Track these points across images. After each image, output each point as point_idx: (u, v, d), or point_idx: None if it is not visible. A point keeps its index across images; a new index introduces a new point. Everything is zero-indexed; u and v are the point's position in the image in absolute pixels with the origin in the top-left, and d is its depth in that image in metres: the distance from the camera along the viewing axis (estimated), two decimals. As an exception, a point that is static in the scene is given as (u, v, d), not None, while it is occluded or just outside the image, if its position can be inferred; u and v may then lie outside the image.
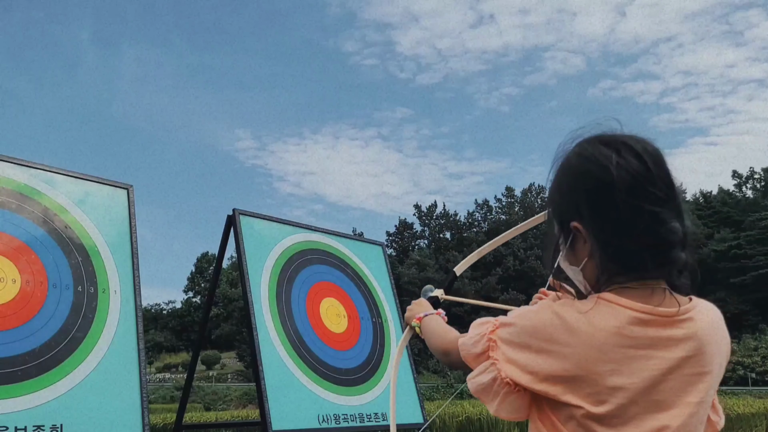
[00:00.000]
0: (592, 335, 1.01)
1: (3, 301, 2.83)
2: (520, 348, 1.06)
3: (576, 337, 1.01)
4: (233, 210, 3.93)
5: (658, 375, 1.02)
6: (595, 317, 1.03)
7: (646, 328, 1.03)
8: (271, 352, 3.62)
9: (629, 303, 1.04)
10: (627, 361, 1.01)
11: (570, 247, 1.11)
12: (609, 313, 1.03)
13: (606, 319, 1.02)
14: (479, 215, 66.93)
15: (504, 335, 1.09)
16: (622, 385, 1.00)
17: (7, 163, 3.14)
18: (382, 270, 4.76)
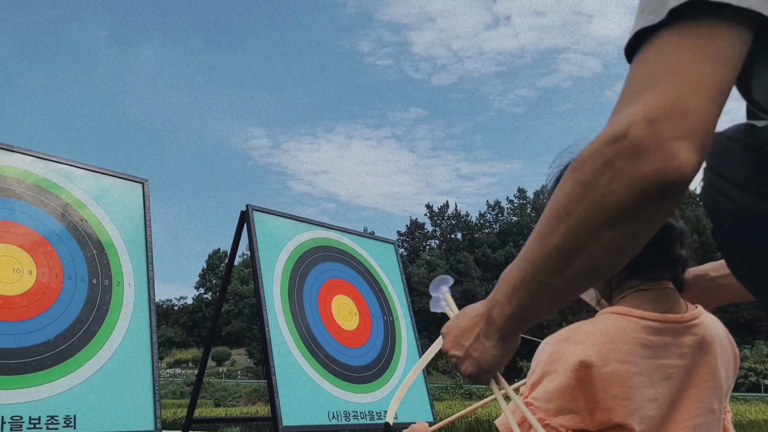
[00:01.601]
0: (618, 350, 0.99)
1: (19, 292, 2.86)
2: (559, 394, 0.99)
3: (604, 356, 0.98)
4: (247, 206, 3.95)
5: (678, 383, 1.01)
6: (611, 331, 1.00)
7: (663, 337, 1.01)
8: (283, 348, 3.64)
9: (642, 313, 1.02)
10: (652, 371, 0.99)
11: None
12: (624, 326, 1.01)
13: (623, 331, 1.00)
14: (491, 216, 66.79)
15: (540, 393, 1.01)
16: (655, 396, 0.99)
17: (25, 155, 3.17)
18: (394, 268, 4.76)
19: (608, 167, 0.67)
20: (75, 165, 3.36)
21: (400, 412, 4.03)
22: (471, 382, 10.07)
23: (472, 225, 66.16)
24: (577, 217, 0.71)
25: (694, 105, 0.64)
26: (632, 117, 0.66)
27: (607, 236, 0.70)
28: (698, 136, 0.64)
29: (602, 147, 0.68)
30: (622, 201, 0.67)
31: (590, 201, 0.69)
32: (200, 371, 4.40)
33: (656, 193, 0.65)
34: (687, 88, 0.64)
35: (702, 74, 0.64)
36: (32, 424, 2.64)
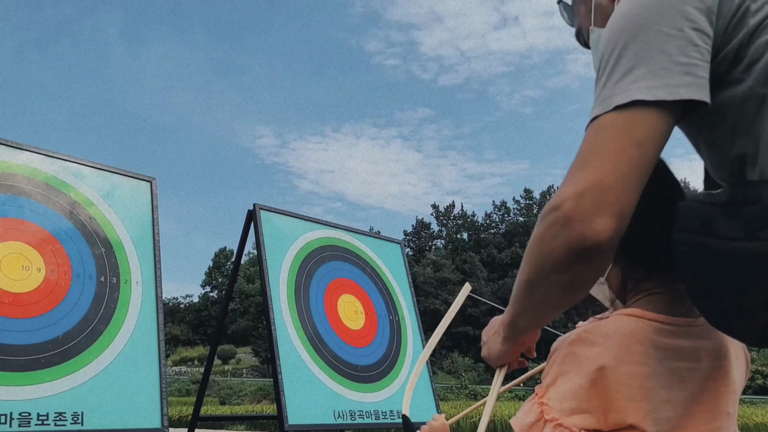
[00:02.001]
0: (633, 352, 0.99)
1: (28, 290, 2.88)
2: (575, 394, 1.00)
3: (619, 358, 0.98)
4: (254, 205, 3.96)
5: (695, 386, 1.01)
6: (627, 333, 1.00)
7: (677, 340, 1.01)
8: (289, 347, 3.65)
9: (656, 315, 1.02)
10: (668, 374, 0.99)
11: None
12: (639, 328, 1.01)
13: (638, 333, 1.00)
14: (497, 216, 66.67)
15: (554, 394, 1.02)
16: (670, 398, 0.98)
17: (35, 154, 3.20)
18: (400, 268, 4.77)
19: (551, 230, 0.88)
20: (84, 163, 3.38)
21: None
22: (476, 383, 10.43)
23: (479, 225, 66.08)
24: (535, 262, 0.92)
25: (612, 183, 0.83)
26: (566, 192, 0.86)
27: (554, 279, 0.90)
28: (614, 210, 0.83)
29: (549, 212, 0.89)
30: (560, 257, 0.87)
31: (542, 252, 0.90)
32: (206, 369, 4.42)
33: (581, 254, 0.85)
34: (606, 170, 0.83)
35: (620, 158, 0.83)
36: (40, 420, 2.66)
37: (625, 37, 0.89)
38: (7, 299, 2.79)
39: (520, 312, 1.04)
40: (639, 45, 0.87)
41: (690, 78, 0.85)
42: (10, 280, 2.84)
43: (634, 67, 0.86)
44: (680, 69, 0.85)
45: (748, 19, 0.87)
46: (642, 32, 0.88)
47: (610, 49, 0.91)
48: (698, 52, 0.86)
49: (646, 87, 0.85)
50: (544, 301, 0.97)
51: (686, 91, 0.84)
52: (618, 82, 0.87)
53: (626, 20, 0.90)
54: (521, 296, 1.00)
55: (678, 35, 0.86)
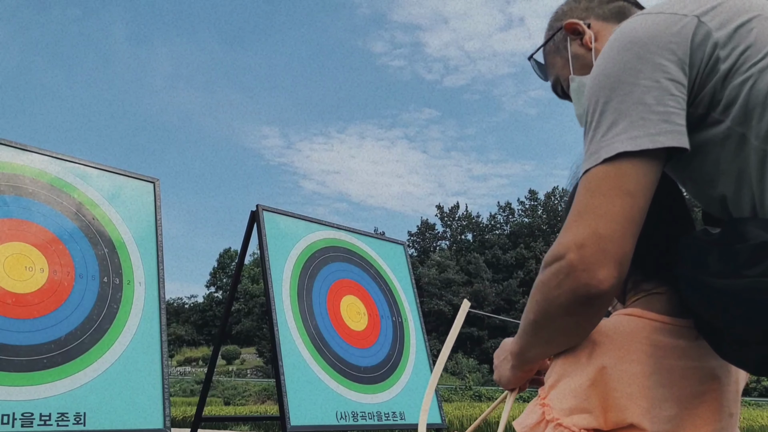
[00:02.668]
0: (632, 350, 1.00)
1: (31, 290, 2.89)
2: (574, 393, 1.00)
3: (618, 356, 0.99)
4: (257, 206, 3.97)
5: (695, 385, 1.01)
6: (627, 332, 1.02)
7: (677, 339, 1.02)
8: (292, 348, 3.65)
9: (656, 315, 1.03)
10: (666, 372, 0.99)
11: None
12: (639, 327, 1.02)
13: (638, 332, 1.01)
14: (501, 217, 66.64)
15: (556, 394, 1.03)
16: (669, 397, 0.99)
17: (39, 155, 3.21)
18: (403, 269, 4.77)
19: (555, 278, 0.93)
20: (88, 164, 3.39)
21: (408, 413, 4.03)
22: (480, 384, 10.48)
23: (483, 226, 66.05)
24: (541, 306, 0.98)
25: (609, 234, 0.89)
26: (567, 243, 0.92)
27: (560, 321, 0.97)
28: (615, 258, 0.89)
29: (552, 261, 0.94)
30: (565, 303, 0.93)
31: (547, 298, 0.96)
32: (210, 369, 4.42)
33: (585, 300, 0.91)
34: (602, 221, 0.89)
35: (614, 209, 0.89)
36: (42, 420, 2.67)
37: (605, 93, 0.94)
38: (10, 300, 2.80)
39: (528, 346, 1.09)
40: (619, 99, 0.93)
41: (668, 126, 0.90)
42: (13, 280, 2.85)
43: (616, 121, 0.92)
44: (658, 118, 0.90)
45: (719, 66, 0.92)
46: (620, 87, 0.93)
47: (593, 106, 0.96)
48: (674, 101, 0.91)
49: (628, 138, 0.90)
50: (551, 340, 1.04)
51: (666, 139, 0.90)
52: (603, 137, 0.93)
53: (605, 76, 0.96)
54: (528, 334, 1.06)
55: (654, 86, 0.92)
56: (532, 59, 1.38)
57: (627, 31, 0.97)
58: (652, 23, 0.96)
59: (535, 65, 1.39)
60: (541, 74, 1.39)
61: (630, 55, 0.94)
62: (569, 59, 1.27)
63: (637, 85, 0.92)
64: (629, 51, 0.95)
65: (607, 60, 0.97)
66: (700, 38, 0.93)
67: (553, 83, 1.35)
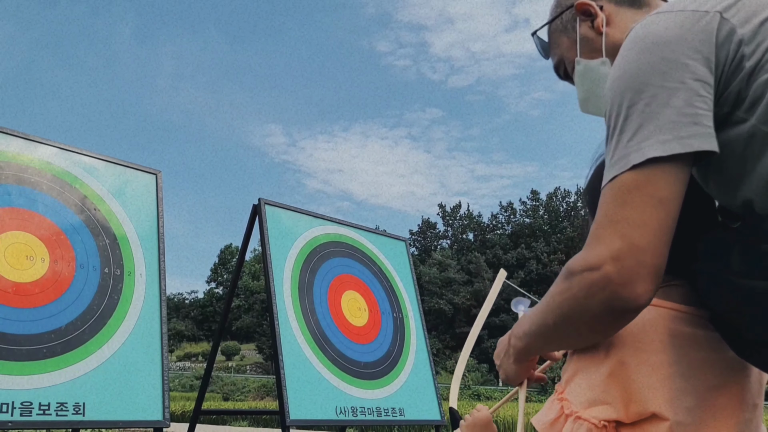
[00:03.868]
0: (653, 340, 0.99)
1: (32, 280, 2.89)
2: (595, 385, 1.00)
3: (639, 345, 0.98)
4: (259, 199, 3.96)
5: (715, 376, 0.99)
6: (648, 321, 1.00)
7: (695, 329, 1.00)
8: (292, 342, 3.64)
9: (675, 305, 1.02)
10: (686, 362, 0.98)
11: None
12: (657, 316, 1.01)
13: (657, 321, 1.00)
14: (503, 217, 66.60)
15: (574, 388, 1.02)
16: (691, 388, 0.97)
17: (44, 146, 3.20)
18: (404, 266, 4.76)
19: (589, 290, 0.90)
20: (89, 155, 3.38)
21: (407, 409, 4.02)
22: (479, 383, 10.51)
23: (484, 226, 66.03)
24: (566, 314, 0.96)
25: (646, 245, 0.86)
26: (602, 255, 0.88)
27: (583, 330, 0.96)
28: (652, 271, 0.87)
29: (583, 271, 0.91)
30: (597, 315, 0.91)
31: (574, 309, 0.94)
32: (209, 365, 4.42)
33: (620, 313, 0.89)
34: (638, 232, 0.86)
35: (649, 218, 0.87)
36: (42, 410, 2.66)
37: (630, 96, 0.91)
38: (10, 289, 2.80)
39: (538, 345, 1.09)
40: (645, 101, 0.90)
41: (699, 128, 0.88)
42: (13, 269, 2.84)
43: (643, 125, 0.89)
44: (688, 120, 0.87)
45: (745, 63, 0.89)
46: (646, 89, 0.90)
47: (617, 110, 0.93)
48: (703, 102, 0.89)
49: (657, 142, 0.87)
50: (565, 342, 1.04)
51: (696, 142, 0.87)
52: (630, 141, 0.90)
53: (629, 79, 0.93)
54: (542, 335, 1.04)
55: (681, 88, 0.89)
56: (536, 35, 1.34)
57: (649, 30, 0.94)
58: (674, 22, 0.93)
59: (537, 42, 1.34)
60: (543, 52, 1.34)
61: (654, 56, 0.91)
62: (577, 41, 1.23)
63: (664, 87, 0.89)
64: (653, 52, 0.92)
65: (630, 62, 0.94)
66: (724, 35, 0.90)
67: (555, 63, 1.31)
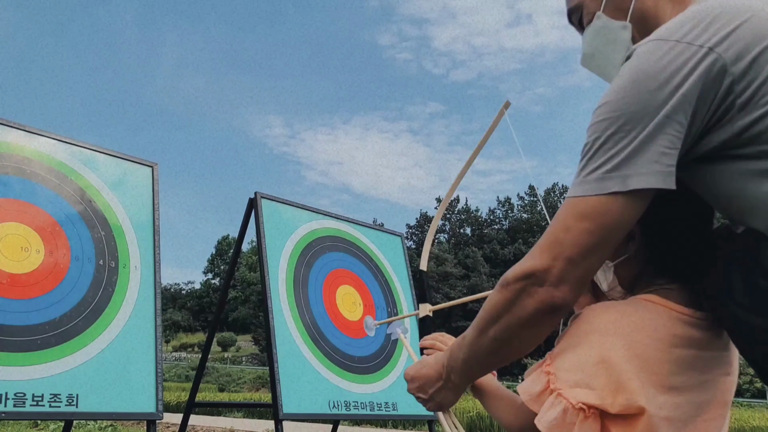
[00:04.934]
0: (649, 335, 1.01)
1: (26, 271, 2.89)
2: (581, 367, 1.01)
3: (635, 339, 1.00)
4: (255, 193, 3.96)
5: (702, 375, 1.03)
6: (646, 316, 1.03)
7: (690, 329, 1.04)
8: (286, 336, 3.65)
9: (673, 305, 1.05)
10: (679, 361, 1.01)
11: None
12: (657, 313, 1.04)
13: (657, 318, 1.03)
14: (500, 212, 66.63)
15: (561, 364, 1.04)
16: (678, 385, 1.00)
17: (40, 137, 3.20)
18: (400, 261, 4.77)
19: (521, 294, 1.02)
20: (86, 147, 3.38)
21: (401, 404, 4.04)
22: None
23: (482, 221, 66.06)
24: (504, 321, 1.06)
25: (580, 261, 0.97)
26: (536, 265, 0.99)
27: (522, 333, 1.05)
28: (576, 279, 0.98)
29: (519, 279, 1.02)
30: (530, 315, 1.02)
31: (511, 313, 1.04)
32: (204, 356, 4.43)
33: (549, 312, 1.00)
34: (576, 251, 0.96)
35: (591, 241, 0.95)
36: (35, 401, 2.67)
37: (609, 124, 0.96)
38: (5, 279, 2.80)
39: (479, 366, 1.17)
40: (621, 134, 0.95)
41: (658, 166, 0.93)
42: (8, 260, 2.84)
43: (613, 156, 0.95)
44: (650, 158, 0.93)
45: (736, 101, 0.93)
46: (626, 121, 0.95)
47: (598, 133, 0.98)
48: (668, 140, 0.93)
49: (620, 177, 0.94)
50: (506, 353, 1.11)
51: (654, 180, 0.93)
52: (598, 169, 0.96)
53: (614, 106, 0.97)
54: (483, 354, 1.13)
55: (654, 125, 0.93)
56: None
57: (642, 61, 0.97)
58: (664, 54, 0.95)
59: None
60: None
61: (639, 88, 0.95)
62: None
63: (639, 123, 0.94)
64: (639, 84, 0.95)
65: (619, 90, 0.98)
66: (714, 73, 0.92)
67: (571, 6, 1.28)
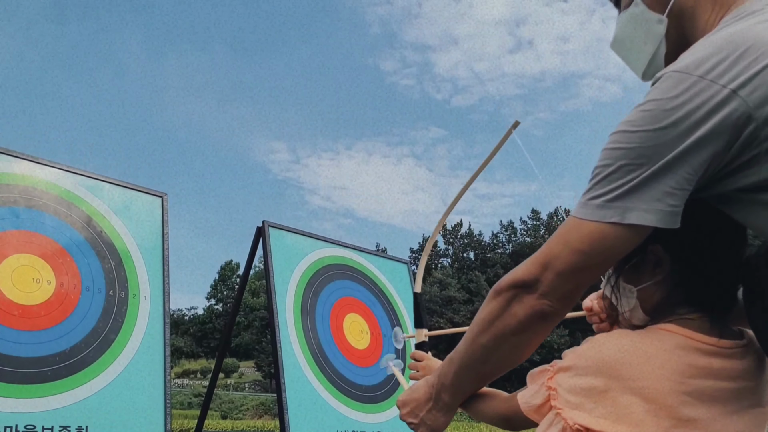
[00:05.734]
0: (662, 365, 0.98)
1: (38, 302, 2.91)
2: (583, 393, 1.00)
3: (644, 369, 0.98)
4: (263, 222, 3.98)
5: (725, 406, 0.99)
6: (660, 347, 1.00)
7: (710, 359, 1.00)
8: (294, 365, 3.65)
9: (692, 334, 1.01)
10: (696, 392, 0.97)
11: (633, 265, 1.08)
12: (673, 343, 1.00)
13: (671, 349, 0.99)
14: (503, 236, 66.49)
15: (564, 381, 1.03)
16: (695, 417, 0.97)
17: (51, 168, 3.24)
18: (406, 288, 4.77)
19: (513, 301, 1.07)
20: (98, 178, 3.42)
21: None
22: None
23: (485, 245, 65.90)
24: (495, 328, 1.10)
25: (570, 277, 1.02)
26: (527, 274, 1.06)
27: (513, 340, 1.10)
28: (562, 293, 1.04)
29: (512, 286, 1.08)
30: (519, 322, 1.07)
31: (501, 319, 1.09)
32: (211, 383, 4.42)
33: (538, 318, 1.05)
34: (569, 270, 1.02)
35: (585, 263, 1.00)
36: (45, 433, 2.67)
37: (624, 153, 0.98)
38: (16, 311, 2.82)
39: (470, 380, 1.19)
40: (632, 166, 0.97)
41: (660, 204, 0.95)
42: (20, 292, 2.86)
43: (621, 185, 0.97)
44: (654, 196, 0.95)
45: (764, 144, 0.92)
46: (639, 154, 0.96)
47: (610, 159, 0.99)
48: (675, 180, 0.94)
49: (621, 209, 0.96)
50: (500, 363, 1.14)
51: (653, 218, 0.95)
52: (606, 195, 0.98)
53: (632, 135, 0.98)
54: (475, 364, 1.16)
55: (664, 163, 0.94)
56: None
57: (662, 92, 0.96)
58: (684, 90, 0.94)
59: None
60: None
61: (654, 123, 0.95)
62: None
63: (650, 158, 0.95)
64: (655, 119, 0.95)
65: (636, 120, 0.97)
66: (735, 119, 0.91)
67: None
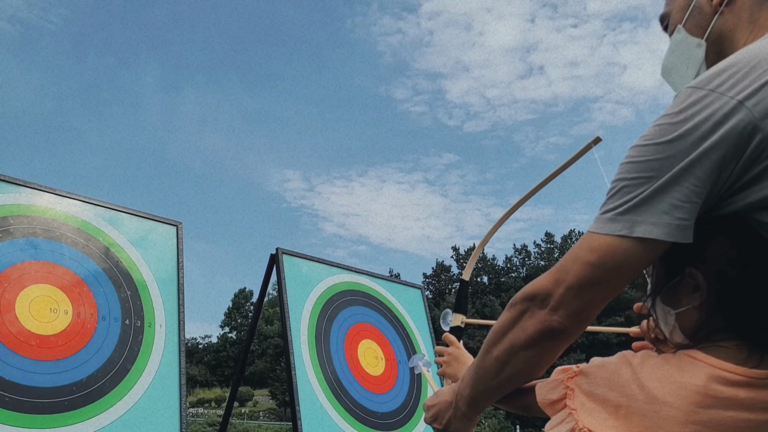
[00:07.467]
0: (675, 392, 0.94)
1: (55, 332, 2.93)
2: (598, 401, 0.99)
3: (657, 394, 0.95)
4: (276, 249, 4.00)
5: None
6: (677, 375, 0.96)
7: (737, 389, 0.94)
8: (309, 393, 3.64)
9: (720, 363, 0.96)
10: (712, 422, 0.93)
11: (671, 287, 1.03)
12: (692, 371, 0.96)
13: (689, 377, 0.95)
14: (517, 260, 66.16)
15: (583, 384, 1.02)
16: None
17: (70, 199, 3.29)
18: (420, 313, 4.76)
19: (525, 314, 1.08)
20: (113, 208, 3.46)
21: None
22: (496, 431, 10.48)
23: (499, 269, 65.58)
24: (506, 341, 1.11)
25: (582, 293, 1.01)
26: (539, 288, 1.06)
27: (522, 354, 1.10)
28: (572, 309, 1.03)
29: (524, 300, 1.08)
30: (530, 336, 1.07)
31: (513, 332, 1.10)
32: (226, 412, 4.40)
33: (548, 335, 1.05)
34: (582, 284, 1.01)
35: (599, 278, 1.00)
36: (62, 463, 2.67)
37: (637, 168, 0.99)
38: (34, 341, 2.84)
39: (483, 391, 1.20)
40: (643, 180, 0.97)
41: (668, 218, 0.95)
42: (38, 322, 2.89)
43: (633, 198, 0.98)
44: (663, 209, 0.95)
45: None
46: (650, 168, 0.97)
47: (626, 173, 1.00)
48: (683, 194, 0.95)
49: (629, 222, 0.97)
50: (509, 377, 1.14)
51: (662, 232, 0.95)
52: (612, 210, 0.99)
53: (644, 149, 0.99)
54: (487, 377, 1.17)
55: (673, 177, 0.95)
56: None
57: (674, 106, 0.98)
58: (693, 103, 0.96)
59: None
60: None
61: (664, 136, 0.97)
62: (690, 7, 1.20)
63: (658, 171, 0.96)
64: (665, 132, 0.97)
65: (650, 134, 0.99)
66: (741, 129, 0.91)
67: (662, 14, 1.29)
